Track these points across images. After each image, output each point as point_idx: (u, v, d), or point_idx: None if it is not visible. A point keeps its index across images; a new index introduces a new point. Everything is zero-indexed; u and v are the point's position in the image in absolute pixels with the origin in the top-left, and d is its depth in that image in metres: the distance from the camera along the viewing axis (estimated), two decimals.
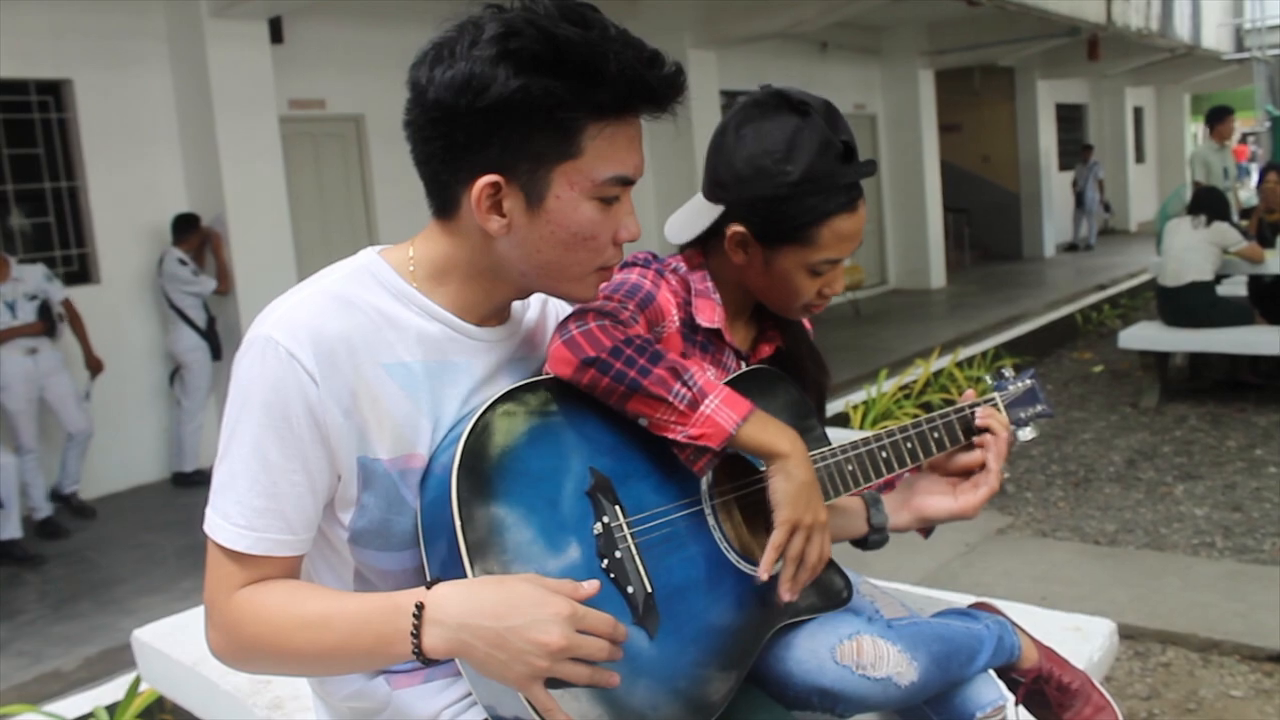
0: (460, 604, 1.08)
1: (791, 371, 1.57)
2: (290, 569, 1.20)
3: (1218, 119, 8.86)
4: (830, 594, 1.47)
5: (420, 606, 1.09)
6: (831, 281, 1.51)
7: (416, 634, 1.08)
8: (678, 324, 1.47)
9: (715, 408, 1.25)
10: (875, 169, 1.51)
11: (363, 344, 1.19)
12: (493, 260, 1.24)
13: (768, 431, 1.29)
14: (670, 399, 1.24)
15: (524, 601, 1.07)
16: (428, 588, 1.11)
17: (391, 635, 1.10)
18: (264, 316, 1.19)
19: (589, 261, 1.23)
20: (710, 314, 1.51)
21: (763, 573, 1.29)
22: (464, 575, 1.13)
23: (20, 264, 5.62)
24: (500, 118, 1.13)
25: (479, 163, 1.16)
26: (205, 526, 1.18)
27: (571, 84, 1.13)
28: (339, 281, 1.22)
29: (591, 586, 1.12)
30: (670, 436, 1.25)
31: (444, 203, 1.23)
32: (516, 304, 1.34)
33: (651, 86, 1.17)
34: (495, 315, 1.30)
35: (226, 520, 1.16)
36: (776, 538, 1.29)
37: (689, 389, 1.24)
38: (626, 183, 1.21)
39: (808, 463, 1.31)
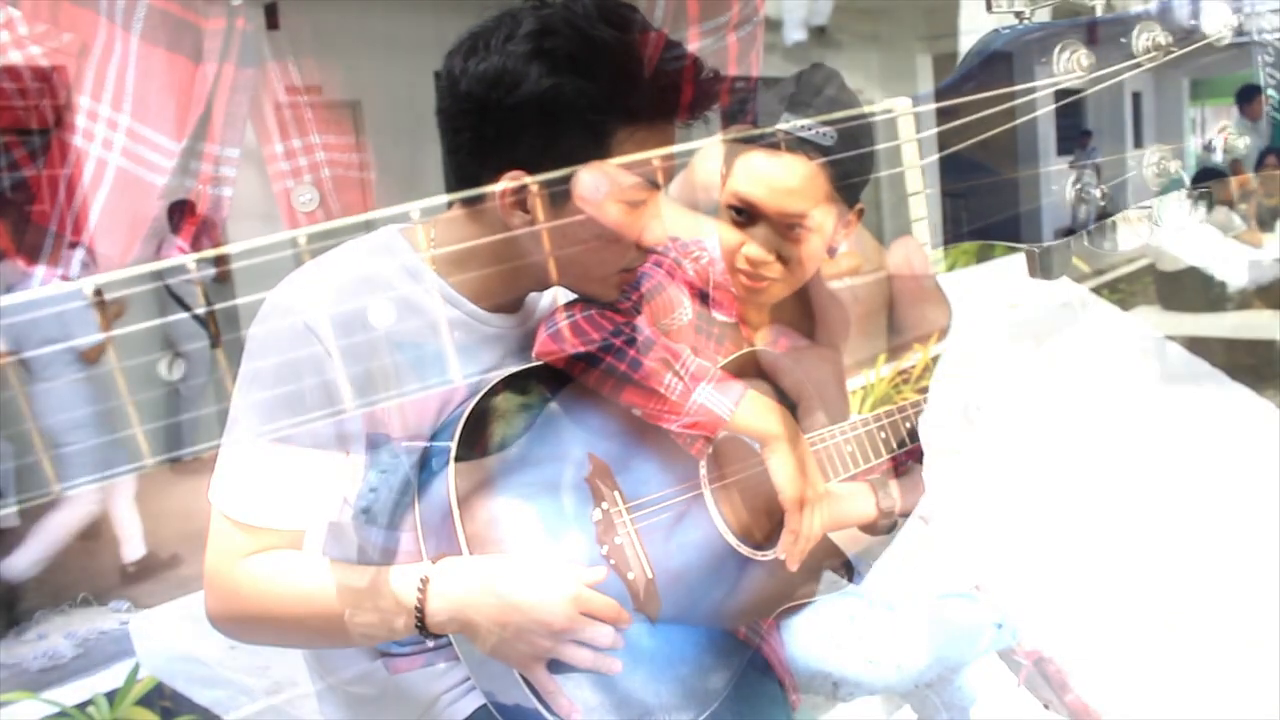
0: (466, 580, 1.08)
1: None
2: (293, 541, 1.19)
3: (1247, 98, 8.72)
4: (832, 578, 1.46)
5: (425, 580, 1.08)
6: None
7: (421, 608, 1.08)
8: (692, 315, 1.44)
9: (709, 395, 1.24)
10: None
11: (379, 322, 1.18)
12: (514, 253, 1.22)
13: (760, 415, 1.29)
14: (663, 390, 1.23)
15: (530, 580, 1.06)
16: (433, 562, 1.11)
17: (395, 608, 1.09)
18: (282, 288, 1.18)
19: (612, 263, 1.22)
20: (730, 307, 1.46)
21: (782, 552, 1.31)
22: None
23: None
24: (530, 116, 1.11)
25: (506, 158, 1.15)
26: (210, 495, 1.18)
27: (605, 87, 1.11)
28: (358, 258, 1.21)
29: (599, 573, 1.11)
30: (665, 426, 1.25)
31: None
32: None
33: (686, 94, 1.16)
34: (510, 304, 1.29)
35: (233, 490, 1.16)
36: (792, 522, 1.29)
37: (681, 378, 1.24)
38: (654, 186, 1.20)
39: (800, 438, 1.32)
